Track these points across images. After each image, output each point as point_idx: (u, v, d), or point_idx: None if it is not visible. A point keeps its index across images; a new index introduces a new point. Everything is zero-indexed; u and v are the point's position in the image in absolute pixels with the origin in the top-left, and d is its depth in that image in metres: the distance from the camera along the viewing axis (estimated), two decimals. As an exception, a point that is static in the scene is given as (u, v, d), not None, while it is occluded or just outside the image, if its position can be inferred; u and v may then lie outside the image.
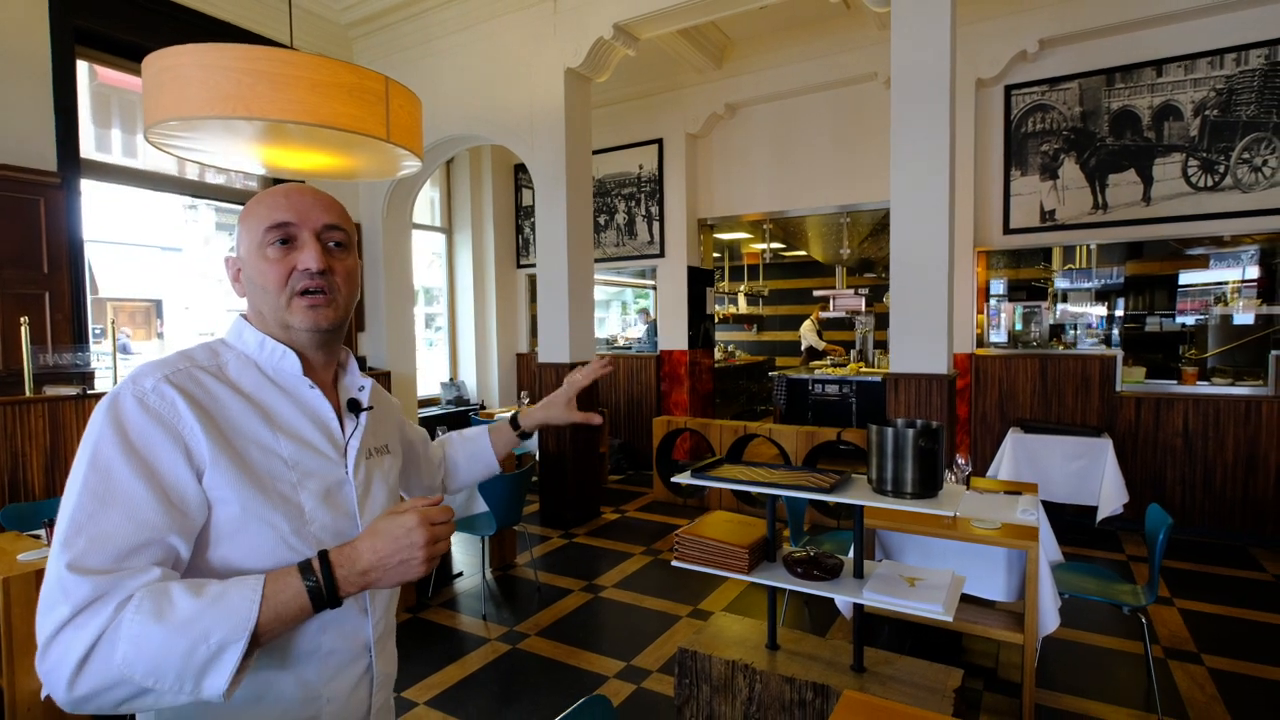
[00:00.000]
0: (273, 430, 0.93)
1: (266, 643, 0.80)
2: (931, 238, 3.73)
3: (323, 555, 0.84)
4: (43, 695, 2.27)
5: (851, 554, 2.62)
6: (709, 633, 2.37)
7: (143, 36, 4.54)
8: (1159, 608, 3.50)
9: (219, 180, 5.41)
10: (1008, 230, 5.30)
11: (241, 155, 3.14)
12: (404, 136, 2.97)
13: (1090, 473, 4.40)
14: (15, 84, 4.02)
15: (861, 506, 2.01)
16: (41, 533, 2.57)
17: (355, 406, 1.06)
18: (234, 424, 0.90)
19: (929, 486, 1.92)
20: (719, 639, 2.31)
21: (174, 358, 0.92)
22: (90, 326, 4.47)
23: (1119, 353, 4.85)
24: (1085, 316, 5.70)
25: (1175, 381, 4.77)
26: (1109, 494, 4.29)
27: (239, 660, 0.75)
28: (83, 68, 4.64)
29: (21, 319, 3.53)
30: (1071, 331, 5.67)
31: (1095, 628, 3.26)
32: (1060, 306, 5.70)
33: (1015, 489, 3.20)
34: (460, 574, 4.20)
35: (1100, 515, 4.29)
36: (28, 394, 3.45)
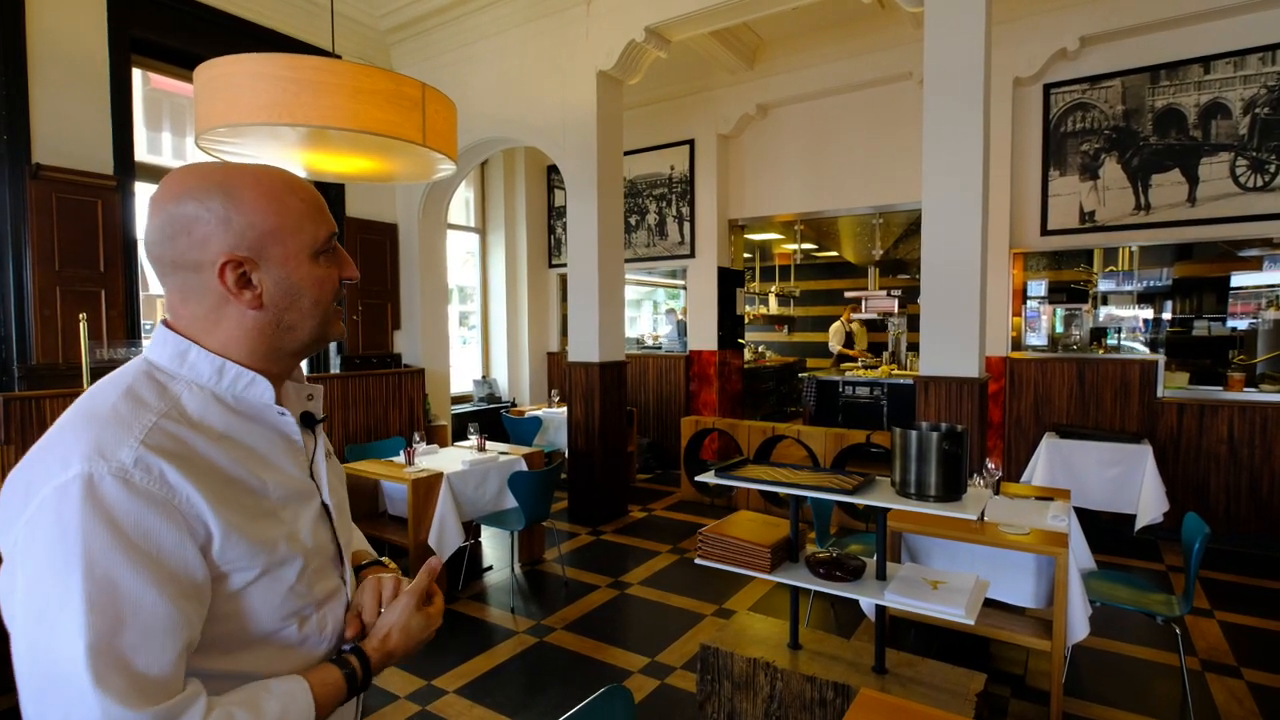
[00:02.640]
0: (257, 474, 0.80)
1: None
2: (964, 239, 3.69)
3: (359, 652, 0.87)
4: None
5: (875, 556, 2.63)
6: (732, 630, 2.40)
7: (194, 44, 4.73)
8: (1197, 619, 3.41)
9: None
10: (1045, 231, 5.19)
11: (285, 159, 3.26)
12: (439, 141, 3.05)
13: (1128, 480, 4.30)
14: (77, 92, 4.23)
15: (885, 509, 2.02)
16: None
17: (310, 419, 0.93)
18: (225, 479, 0.76)
19: (953, 490, 1.92)
20: (742, 637, 2.34)
21: (128, 411, 0.73)
22: (141, 322, 4.67)
23: (1161, 357, 4.72)
24: (1128, 320, 5.56)
25: (1220, 388, 4.63)
26: (1148, 502, 4.18)
27: None
28: (137, 75, 4.86)
29: (80, 315, 3.71)
30: (1114, 335, 5.53)
31: (1129, 637, 3.20)
32: (1102, 310, 5.57)
33: (1047, 494, 3.16)
34: (490, 567, 4.29)
35: (1139, 524, 4.19)
36: (85, 386, 3.63)
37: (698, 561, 2.27)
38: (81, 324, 3.64)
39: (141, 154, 4.82)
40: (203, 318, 0.81)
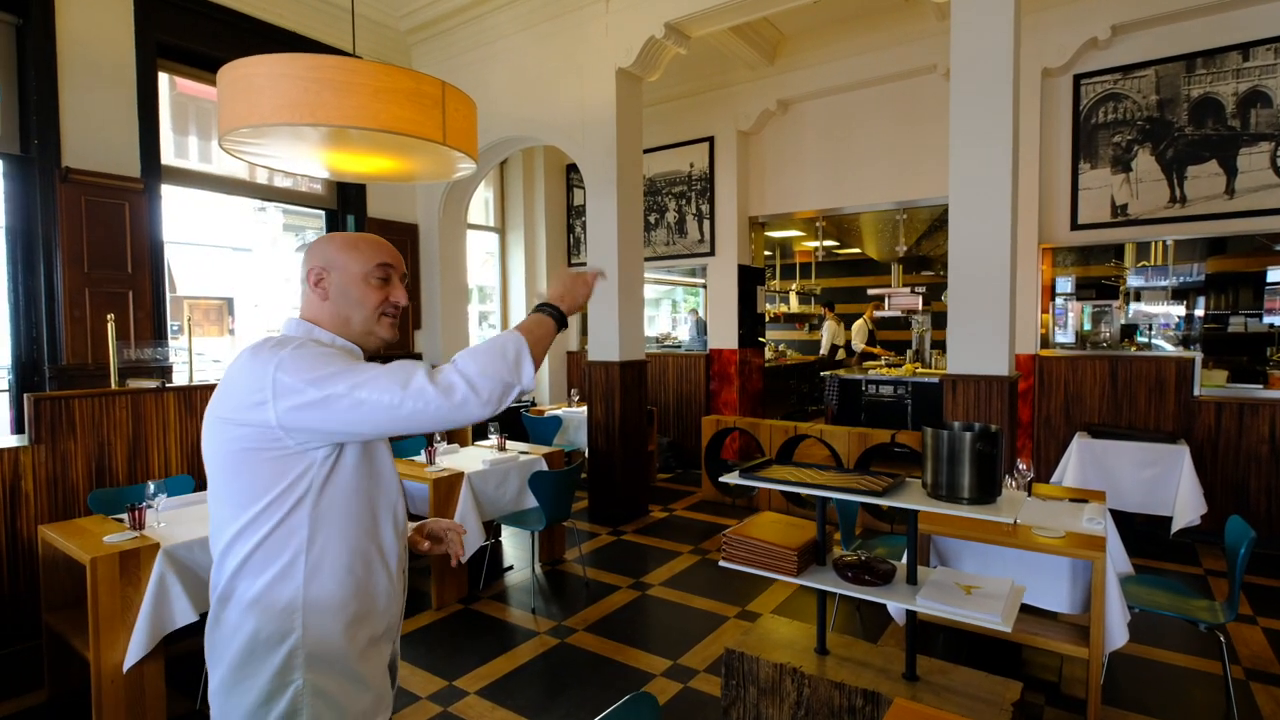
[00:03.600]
0: None
1: (538, 355, 1.21)
2: (992, 234, 3.60)
3: (544, 304, 1.34)
4: (128, 665, 2.42)
5: (905, 559, 2.57)
6: (757, 634, 2.36)
7: (218, 48, 4.77)
8: (1239, 626, 3.30)
9: (285, 184, 5.64)
10: (1075, 226, 5.07)
11: (307, 160, 3.27)
12: (460, 140, 3.04)
13: (1164, 481, 4.18)
14: (105, 96, 4.29)
15: (916, 511, 1.97)
16: (125, 516, 2.73)
17: None
18: None
19: (987, 492, 1.86)
20: (767, 641, 2.29)
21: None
22: (169, 323, 4.72)
23: (1197, 354, 4.58)
24: (1160, 316, 5.41)
25: (1261, 385, 4.48)
26: (1185, 504, 4.06)
27: (531, 359, 1.17)
28: (163, 79, 4.92)
29: (108, 316, 3.75)
30: (1144, 332, 5.38)
31: (1169, 645, 3.10)
32: (1132, 306, 5.42)
33: (1081, 496, 3.07)
34: (510, 567, 4.28)
35: (1175, 526, 4.07)
36: (113, 386, 3.68)
37: (722, 564, 2.23)
38: (109, 325, 3.69)
39: (169, 158, 4.87)
40: (309, 310, 1.29)
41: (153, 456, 3.71)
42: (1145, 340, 5.35)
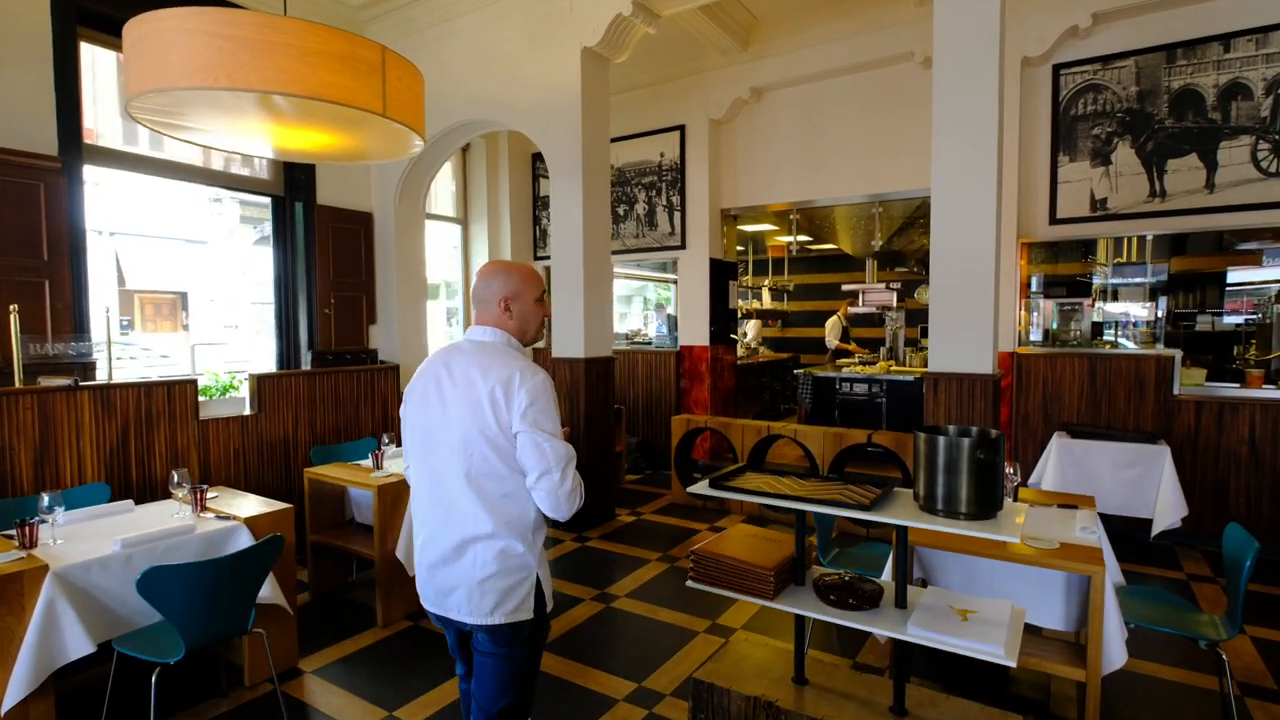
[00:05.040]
0: None
1: None
2: (977, 226, 3.43)
3: None
4: (7, 706, 2.09)
5: (888, 574, 2.36)
6: (728, 660, 2.12)
7: (146, 16, 4.38)
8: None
9: (232, 168, 5.25)
10: (1054, 220, 4.94)
11: (229, 133, 2.95)
12: (403, 112, 2.75)
13: (1145, 482, 4.06)
14: (13, 65, 3.88)
15: (907, 528, 1.75)
16: (14, 532, 2.39)
17: None
18: None
19: (987, 506, 1.65)
20: (739, 669, 2.06)
21: (517, 354, 1.80)
22: (89, 315, 4.31)
23: (1178, 353, 4.48)
24: (1128, 314, 5.33)
25: (1239, 385, 4.40)
26: (1166, 506, 3.94)
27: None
28: (105, 55, 4.52)
29: (10, 307, 3.38)
30: (1110, 330, 5.30)
31: (1158, 658, 2.95)
32: (1099, 305, 5.32)
33: (1069, 502, 2.90)
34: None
35: (1156, 529, 3.95)
36: (17, 385, 3.30)
37: (690, 584, 1.99)
38: (12, 315, 3.31)
39: (116, 138, 4.47)
40: (501, 324, 1.79)
41: (63, 463, 3.35)
42: (1111, 339, 5.27)
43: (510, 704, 1.74)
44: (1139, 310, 5.30)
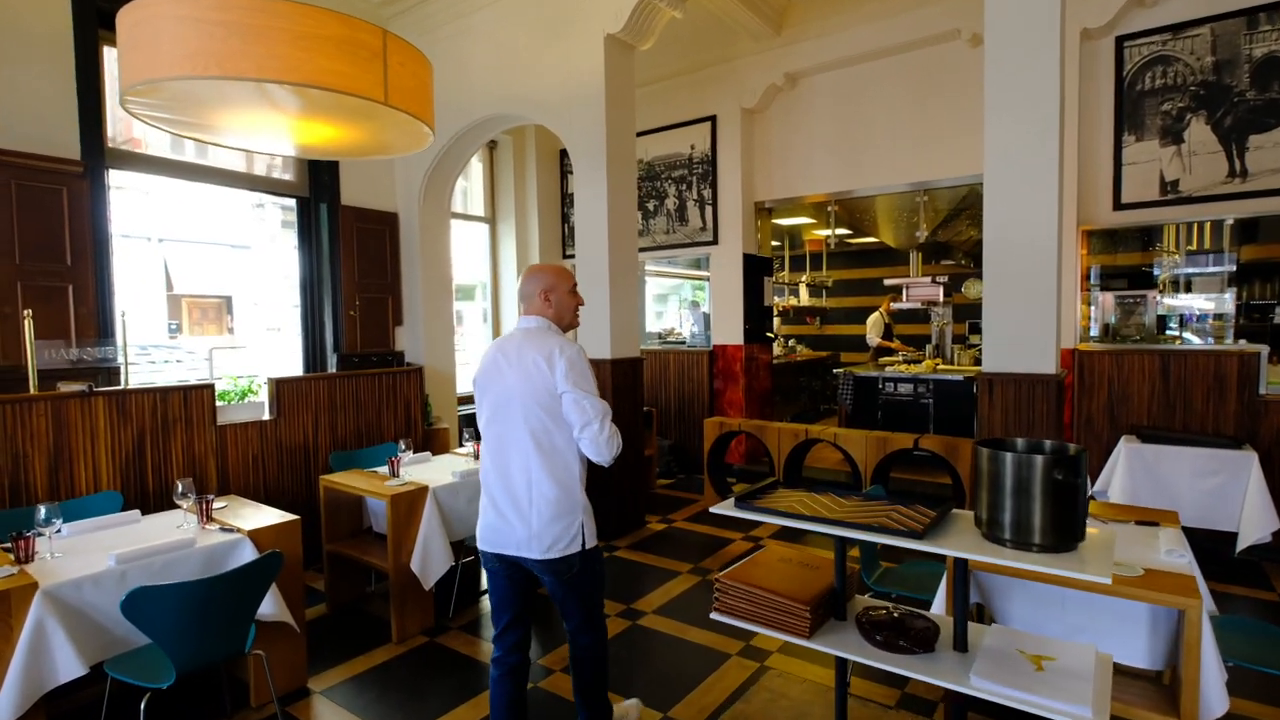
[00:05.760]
0: None
1: None
2: (1036, 212, 3.10)
3: None
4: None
5: (941, 597, 2.09)
6: (760, 699, 1.90)
7: (166, 17, 4.33)
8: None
9: (261, 172, 5.21)
10: (1119, 205, 4.55)
11: (234, 129, 2.83)
12: (407, 100, 2.58)
13: (1228, 492, 3.67)
14: (35, 68, 3.86)
15: (968, 560, 1.49)
16: (10, 545, 2.30)
17: None
18: None
19: (1066, 536, 1.39)
20: (772, 711, 1.82)
21: (558, 335, 2.16)
22: (116, 319, 4.27)
23: (1264, 348, 4.05)
24: (1195, 307, 4.88)
25: (1335, 383, 3.96)
26: (1253, 518, 3.56)
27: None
28: (110, 55, 4.49)
29: (25, 311, 3.33)
30: (1175, 324, 4.84)
31: (1263, 697, 2.60)
32: (1163, 298, 4.87)
33: (1148, 517, 2.58)
34: (487, 590, 3.83)
35: (1241, 544, 3.57)
36: (32, 391, 3.25)
37: (715, 617, 1.76)
38: (26, 321, 3.26)
39: (147, 143, 4.45)
40: (543, 312, 2.15)
41: (78, 470, 3.28)
42: (1176, 333, 4.83)
43: (582, 620, 2.14)
44: (1206, 303, 4.85)
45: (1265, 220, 4.96)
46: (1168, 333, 4.87)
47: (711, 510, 1.81)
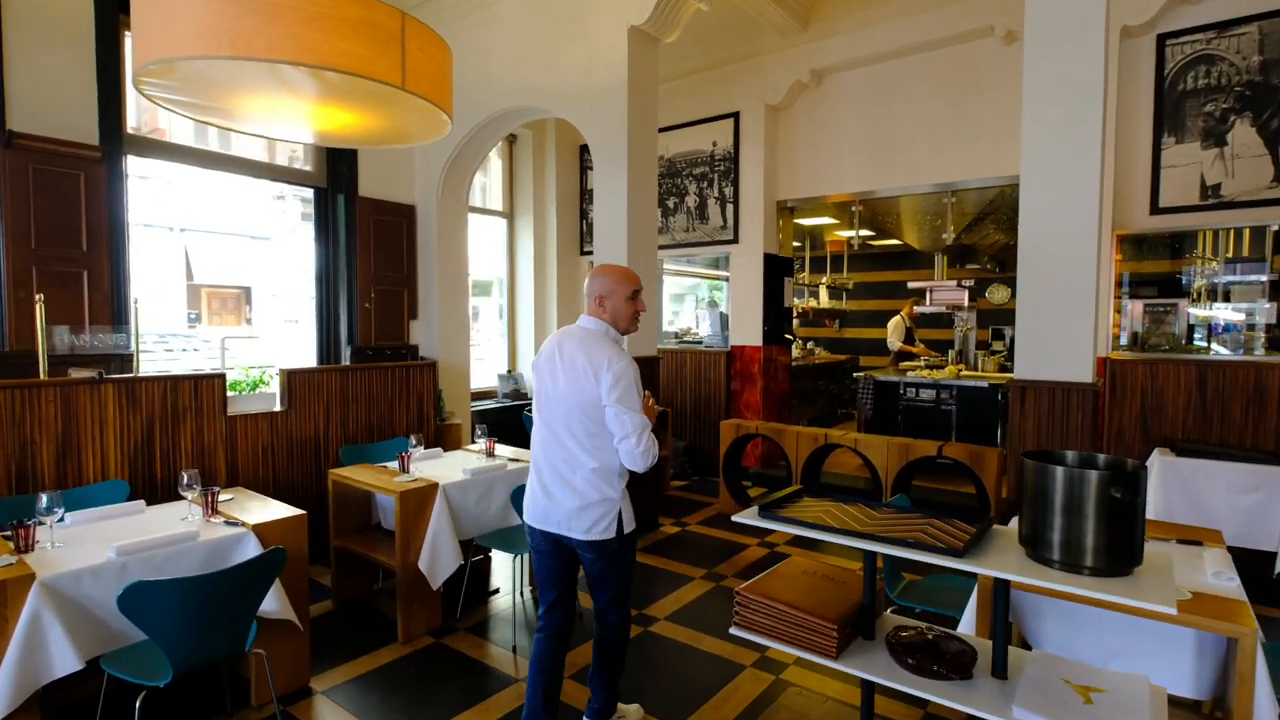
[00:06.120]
0: None
1: None
2: (1075, 213, 2.98)
3: None
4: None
5: (969, 614, 1.99)
6: (781, 716, 1.79)
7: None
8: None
9: (280, 161, 5.18)
10: (1156, 209, 4.38)
11: (250, 114, 2.77)
12: (425, 85, 2.50)
13: (1269, 509, 3.51)
14: (54, 52, 3.84)
15: (1007, 582, 1.38)
16: (10, 533, 2.25)
17: None
18: None
19: (1122, 559, 1.28)
20: (791, 733, 1.72)
21: (613, 343, 2.23)
22: (131, 306, 4.24)
23: (1309, 361, 3.88)
24: (1226, 317, 4.68)
25: (1384, 399, 3.78)
26: (1295, 539, 3.40)
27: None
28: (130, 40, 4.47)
29: (36, 296, 3.30)
30: (1202, 334, 4.65)
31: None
32: (1193, 308, 4.67)
33: (1192, 537, 2.44)
34: (496, 590, 3.76)
35: (1282, 565, 3.40)
36: (42, 376, 3.22)
37: (735, 631, 1.67)
38: (38, 305, 3.23)
39: (170, 130, 4.43)
40: (599, 315, 2.23)
41: (86, 458, 3.25)
42: (1204, 343, 4.63)
43: (612, 597, 2.26)
44: (1234, 314, 4.64)
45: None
46: (1195, 342, 4.69)
47: (734, 519, 1.71)
